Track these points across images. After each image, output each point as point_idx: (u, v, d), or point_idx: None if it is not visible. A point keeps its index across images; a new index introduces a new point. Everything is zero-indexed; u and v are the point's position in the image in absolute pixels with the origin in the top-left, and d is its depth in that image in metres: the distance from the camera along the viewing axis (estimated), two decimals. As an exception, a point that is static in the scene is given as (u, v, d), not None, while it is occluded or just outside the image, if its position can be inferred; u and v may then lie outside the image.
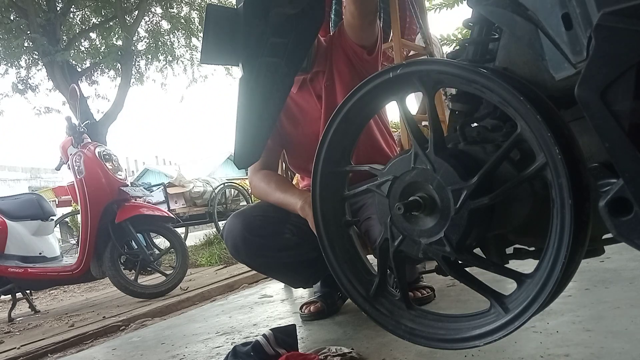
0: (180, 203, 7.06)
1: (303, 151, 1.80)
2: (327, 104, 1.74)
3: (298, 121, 1.80)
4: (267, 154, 1.72)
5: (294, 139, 1.82)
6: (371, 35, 1.65)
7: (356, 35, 1.65)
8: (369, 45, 1.66)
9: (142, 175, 19.32)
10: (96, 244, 3.54)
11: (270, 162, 1.81)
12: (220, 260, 5.23)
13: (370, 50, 1.67)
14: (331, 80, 1.75)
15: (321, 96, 1.76)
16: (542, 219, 0.80)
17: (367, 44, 1.66)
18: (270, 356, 1.24)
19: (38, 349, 2.47)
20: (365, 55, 1.67)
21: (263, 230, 1.64)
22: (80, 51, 9.40)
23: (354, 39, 1.66)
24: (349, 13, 1.61)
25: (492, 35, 0.88)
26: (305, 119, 1.79)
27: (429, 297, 1.72)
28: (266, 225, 1.65)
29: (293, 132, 1.81)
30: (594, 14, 0.60)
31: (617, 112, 0.59)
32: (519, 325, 0.80)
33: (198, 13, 10.25)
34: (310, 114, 1.78)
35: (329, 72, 1.75)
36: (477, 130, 0.88)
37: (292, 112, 1.80)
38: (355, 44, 1.67)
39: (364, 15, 1.56)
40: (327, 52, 1.77)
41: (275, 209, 1.69)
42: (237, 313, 2.19)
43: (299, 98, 1.79)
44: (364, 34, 1.63)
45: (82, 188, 3.55)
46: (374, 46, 1.67)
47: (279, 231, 1.69)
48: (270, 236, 1.67)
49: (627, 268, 1.60)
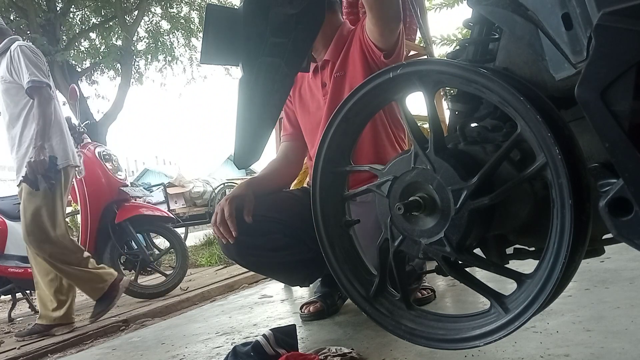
0: (180, 203, 7.07)
1: (309, 137, 1.83)
2: (333, 95, 1.72)
3: (307, 107, 1.83)
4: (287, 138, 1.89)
5: (303, 124, 1.85)
6: (392, 40, 1.60)
7: (376, 39, 1.61)
8: (388, 48, 1.62)
9: (142, 175, 19.29)
10: (96, 244, 3.54)
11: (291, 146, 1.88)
12: (220, 260, 5.23)
13: (388, 53, 1.62)
14: (343, 71, 1.73)
15: (326, 84, 1.75)
16: (542, 219, 0.80)
17: (386, 48, 1.62)
18: (270, 356, 1.23)
19: (38, 349, 2.47)
20: (382, 58, 1.63)
21: (251, 230, 1.63)
22: (80, 51, 9.41)
23: (374, 40, 1.62)
24: (369, 19, 1.57)
25: (492, 35, 0.88)
26: (312, 106, 1.81)
27: (429, 298, 1.72)
28: (255, 225, 1.64)
29: (302, 117, 1.85)
30: (594, 14, 0.59)
31: (617, 112, 0.59)
32: (519, 325, 0.80)
33: (198, 13, 10.25)
34: (317, 101, 1.79)
35: (343, 63, 1.73)
36: (477, 131, 0.88)
37: (305, 98, 1.82)
38: (373, 45, 1.63)
39: (385, 23, 1.53)
40: (345, 42, 1.75)
41: (267, 207, 1.69)
42: (237, 313, 2.19)
43: (312, 83, 1.81)
44: (384, 39, 1.59)
45: (82, 188, 3.55)
46: (393, 50, 1.63)
47: (267, 231, 1.68)
48: (259, 235, 1.66)
49: (627, 268, 1.60)
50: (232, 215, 1.60)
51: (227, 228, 1.60)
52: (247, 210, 1.63)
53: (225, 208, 1.61)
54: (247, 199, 1.65)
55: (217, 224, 1.62)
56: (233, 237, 1.60)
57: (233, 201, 1.63)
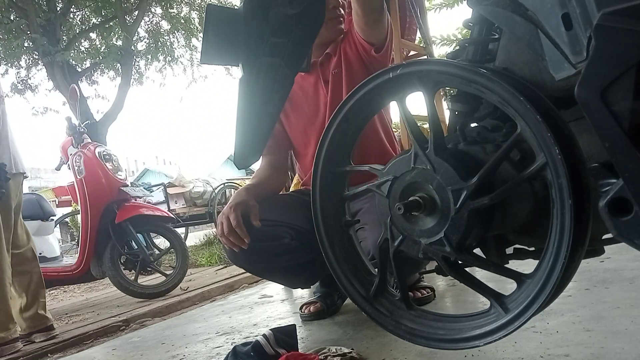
0: (180, 203, 7.07)
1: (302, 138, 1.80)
2: (333, 93, 1.71)
3: (300, 106, 1.79)
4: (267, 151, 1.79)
5: (295, 125, 1.81)
6: (379, 33, 1.61)
7: (363, 33, 1.62)
8: (377, 42, 1.63)
9: (142, 175, 19.29)
10: (96, 244, 3.55)
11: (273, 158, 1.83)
12: (220, 260, 5.23)
13: (378, 47, 1.63)
14: (339, 68, 1.72)
15: (328, 81, 1.73)
16: (542, 219, 0.80)
17: (374, 42, 1.63)
18: (270, 356, 1.23)
19: (38, 349, 2.47)
20: (373, 52, 1.64)
21: (262, 235, 1.59)
22: (80, 51, 9.41)
23: (362, 35, 1.63)
24: (353, 11, 1.58)
25: (492, 35, 0.88)
26: (306, 104, 1.78)
27: (429, 297, 1.72)
28: (265, 230, 1.61)
29: (294, 117, 1.80)
30: (594, 14, 0.60)
31: (617, 112, 0.59)
32: (519, 325, 0.80)
33: (198, 13, 10.25)
34: (315, 99, 1.76)
35: (338, 60, 1.73)
36: (477, 131, 0.88)
37: (295, 98, 1.78)
38: (363, 40, 1.64)
39: (368, 14, 1.54)
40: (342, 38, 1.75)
41: (272, 211, 1.67)
42: (237, 313, 2.19)
43: (303, 82, 1.77)
44: (371, 31, 1.60)
45: (82, 188, 3.55)
46: (383, 43, 1.63)
47: (278, 236, 1.65)
48: (269, 240, 1.62)
49: (627, 268, 1.60)
50: (240, 223, 1.56)
51: (238, 236, 1.56)
52: (253, 215, 1.59)
53: (231, 216, 1.56)
54: (251, 204, 1.62)
55: (226, 234, 1.57)
56: (245, 244, 1.56)
57: (237, 208, 1.59)
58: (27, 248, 2.70)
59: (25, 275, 2.66)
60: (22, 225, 2.73)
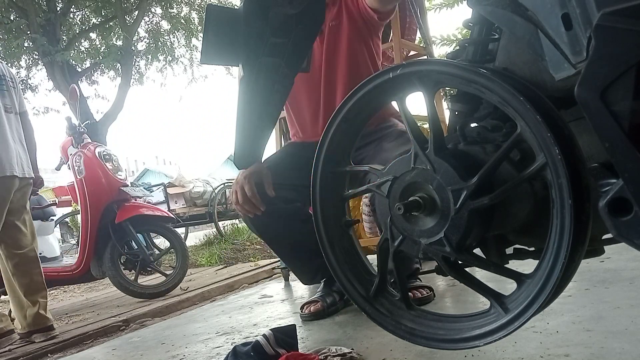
0: (180, 203, 7.06)
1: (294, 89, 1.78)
2: (329, 45, 1.68)
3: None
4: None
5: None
6: (389, 7, 1.62)
7: (374, 5, 1.62)
8: (383, 12, 1.63)
9: (142, 175, 19.29)
10: (96, 244, 3.54)
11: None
12: (220, 260, 5.23)
13: (382, 16, 1.64)
14: (338, 20, 1.69)
15: (324, 32, 1.69)
16: (542, 219, 0.80)
17: (381, 11, 1.63)
18: (270, 356, 1.23)
19: (38, 349, 2.47)
20: (376, 18, 1.64)
21: (274, 200, 1.62)
22: (80, 51, 9.42)
23: (371, 6, 1.63)
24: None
25: (492, 35, 0.88)
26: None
27: (428, 297, 1.72)
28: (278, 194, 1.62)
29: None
30: (594, 14, 0.60)
31: (617, 112, 0.59)
32: (519, 325, 0.80)
33: (198, 13, 10.25)
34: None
35: (339, 11, 1.70)
36: (477, 131, 0.88)
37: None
38: (370, 9, 1.64)
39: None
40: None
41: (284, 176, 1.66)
42: (237, 313, 2.19)
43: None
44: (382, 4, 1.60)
45: (82, 188, 3.55)
46: (388, 15, 1.65)
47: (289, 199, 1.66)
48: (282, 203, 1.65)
49: (627, 268, 1.60)
50: (254, 194, 1.57)
51: (253, 205, 1.58)
52: (267, 184, 1.60)
53: (245, 187, 1.57)
54: (264, 173, 1.62)
55: (241, 203, 1.59)
56: (260, 211, 1.59)
57: (251, 178, 1.59)
58: (29, 249, 2.71)
59: (26, 276, 2.67)
60: (29, 225, 2.75)
